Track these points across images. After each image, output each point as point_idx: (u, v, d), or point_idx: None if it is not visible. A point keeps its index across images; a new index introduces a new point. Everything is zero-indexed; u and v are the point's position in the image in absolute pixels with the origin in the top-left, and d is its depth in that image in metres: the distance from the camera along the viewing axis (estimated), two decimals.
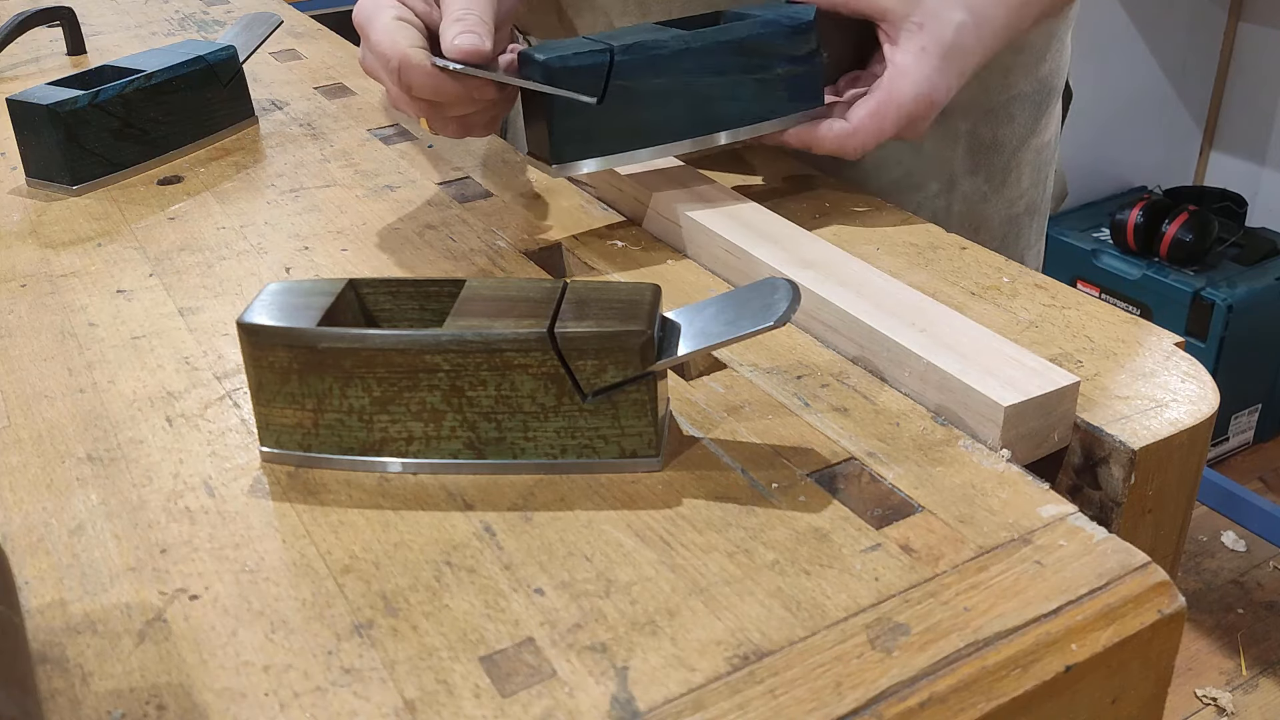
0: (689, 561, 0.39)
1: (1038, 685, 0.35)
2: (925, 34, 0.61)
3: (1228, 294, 2.18)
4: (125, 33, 1.09)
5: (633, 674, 0.35)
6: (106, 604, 0.39)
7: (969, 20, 0.62)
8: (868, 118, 0.62)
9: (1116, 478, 0.46)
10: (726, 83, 0.61)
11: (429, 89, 0.56)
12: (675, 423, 0.47)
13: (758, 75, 0.62)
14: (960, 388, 0.46)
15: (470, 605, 0.38)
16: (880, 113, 0.61)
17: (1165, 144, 2.67)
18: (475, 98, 0.58)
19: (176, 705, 0.35)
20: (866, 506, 0.42)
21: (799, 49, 0.62)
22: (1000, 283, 0.58)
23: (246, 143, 0.81)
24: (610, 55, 0.59)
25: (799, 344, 0.53)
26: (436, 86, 0.56)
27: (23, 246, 0.66)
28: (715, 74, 0.61)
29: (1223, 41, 2.57)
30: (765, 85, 0.62)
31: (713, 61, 0.61)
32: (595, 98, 0.59)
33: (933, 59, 0.61)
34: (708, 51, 0.61)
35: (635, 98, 0.60)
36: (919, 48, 0.61)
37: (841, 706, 0.33)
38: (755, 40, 0.61)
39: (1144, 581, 0.38)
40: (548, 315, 0.43)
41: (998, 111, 0.78)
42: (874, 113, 0.61)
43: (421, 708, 0.34)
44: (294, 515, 0.42)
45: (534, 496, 0.43)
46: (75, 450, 0.47)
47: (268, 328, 0.43)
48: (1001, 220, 0.82)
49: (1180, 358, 0.51)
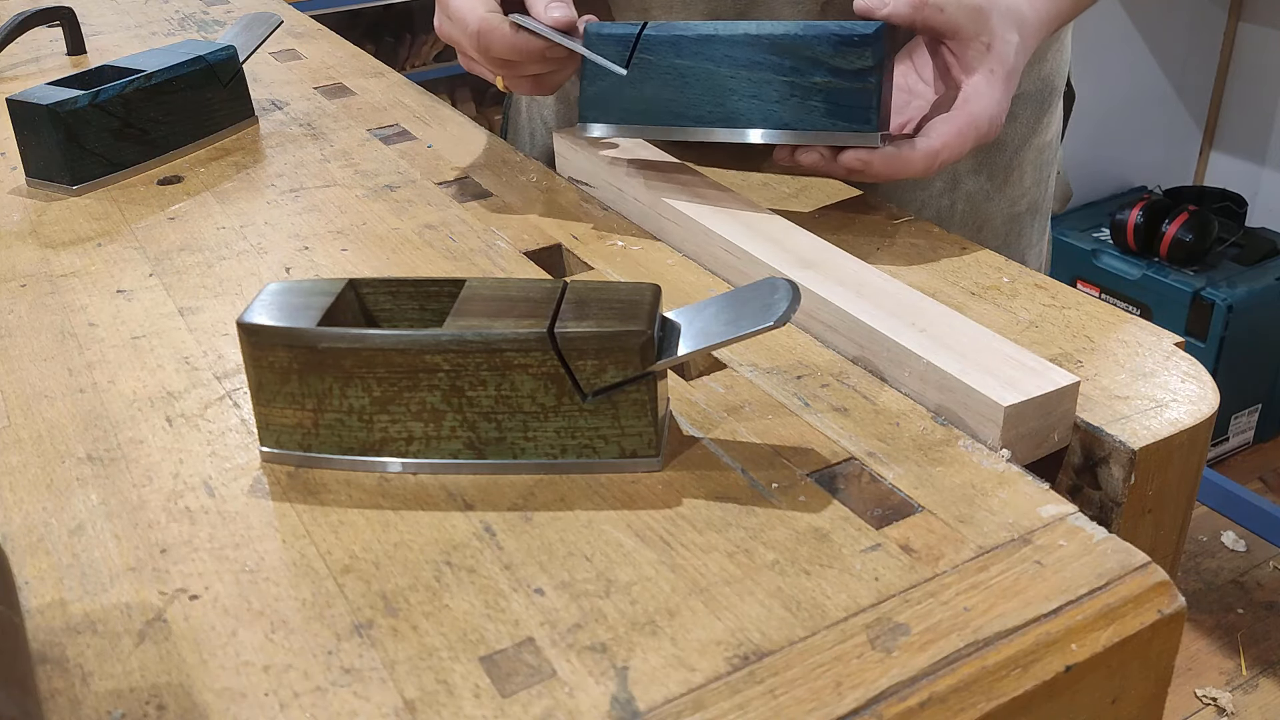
0: (689, 561, 0.39)
1: (1038, 685, 0.35)
2: (993, 56, 0.60)
3: (1228, 294, 2.18)
4: (125, 33, 1.09)
5: (633, 674, 0.35)
6: (106, 604, 0.39)
7: (1020, 41, 0.62)
8: (954, 137, 0.60)
9: (1116, 478, 0.46)
10: (754, 79, 0.60)
11: (507, 49, 0.62)
12: (675, 423, 0.47)
13: (790, 78, 0.60)
14: (960, 388, 0.46)
15: (470, 605, 0.38)
16: (964, 133, 0.60)
17: (1165, 144, 2.67)
18: (548, 57, 0.63)
19: (176, 705, 0.35)
20: (866, 506, 0.42)
21: (848, 62, 0.59)
22: (1000, 283, 0.58)
23: (246, 143, 0.81)
24: (641, 28, 0.61)
25: (799, 344, 0.53)
26: (515, 46, 0.62)
27: (23, 246, 0.66)
28: (742, 67, 0.60)
29: (1223, 41, 2.57)
30: (799, 91, 0.60)
31: (741, 54, 0.60)
32: (622, 66, 0.61)
33: (1000, 81, 0.61)
34: (735, 42, 0.60)
35: (655, 73, 0.61)
36: (989, 69, 0.60)
37: (841, 706, 0.33)
38: (793, 42, 0.59)
39: (1144, 581, 0.38)
40: (548, 315, 0.43)
41: None
42: (960, 132, 0.60)
43: (421, 708, 0.34)
44: (294, 515, 0.42)
45: (534, 496, 0.43)
46: (75, 450, 0.47)
47: (268, 328, 0.43)
48: (1004, 219, 0.82)
49: (1180, 358, 0.51)
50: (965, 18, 0.60)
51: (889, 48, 0.60)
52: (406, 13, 3.17)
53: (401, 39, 3.12)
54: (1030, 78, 0.79)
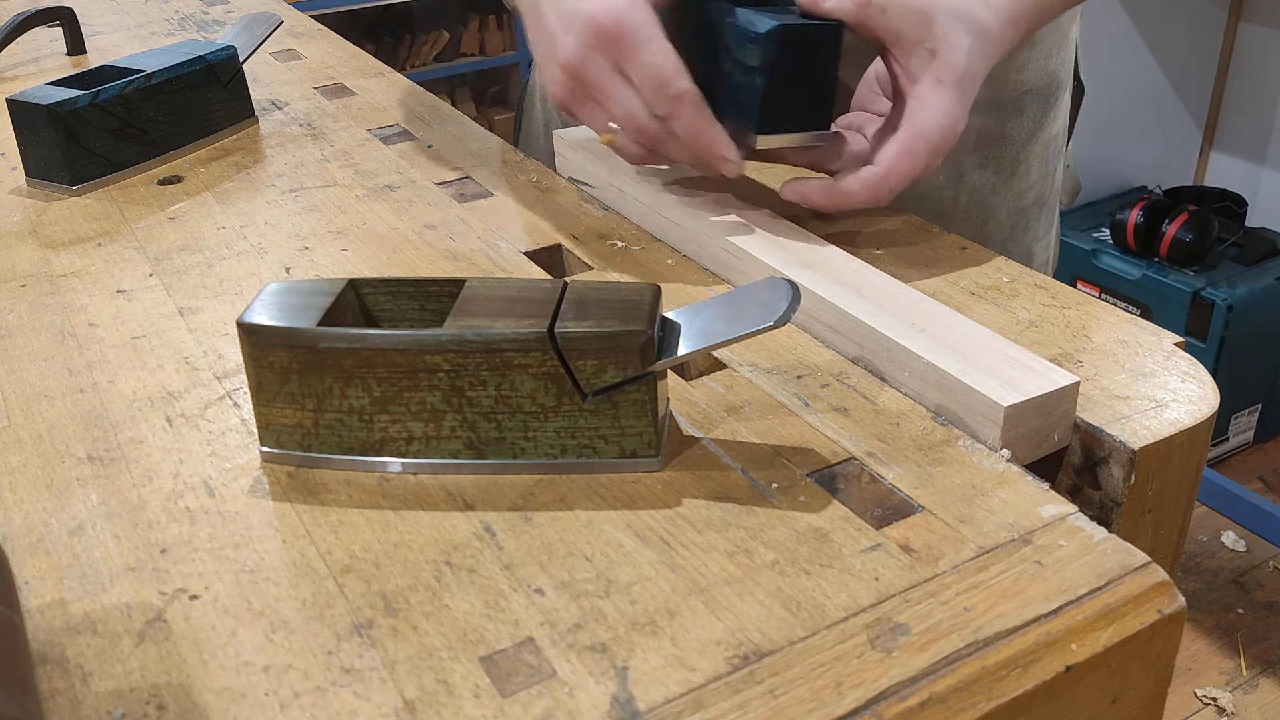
0: (689, 561, 0.39)
1: (1038, 685, 0.35)
2: (939, 62, 0.57)
3: (1228, 294, 2.18)
4: (125, 33, 1.09)
5: (633, 674, 0.35)
6: (106, 604, 0.39)
7: (975, 44, 0.58)
8: (899, 157, 0.56)
9: (1116, 478, 0.46)
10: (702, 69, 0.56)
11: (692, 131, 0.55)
12: (675, 423, 0.47)
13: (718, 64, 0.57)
14: (960, 388, 0.46)
15: (470, 605, 0.38)
16: (912, 150, 0.56)
17: (1165, 144, 2.67)
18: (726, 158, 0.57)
19: (176, 705, 0.35)
20: (866, 506, 0.42)
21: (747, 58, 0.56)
22: (1000, 283, 0.58)
23: (246, 143, 0.81)
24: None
25: (799, 344, 0.53)
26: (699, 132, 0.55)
27: (23, 246, 0.66)
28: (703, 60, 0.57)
29: (1223, 41, 2.57)
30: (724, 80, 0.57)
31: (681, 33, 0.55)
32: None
33: (949, 88, 0.57)
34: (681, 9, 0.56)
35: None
36: (934, 78, 0.57)
37: (841, 706, 0.33)
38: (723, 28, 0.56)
39: (1144, 581, 0.38)
40: (548, 315, 0.43)
41: (1007, 106, 0.79)
42: (906, 150, 0.56)
43: (421, 708, 0.34)
44: (294, 515, 0.42)
45: (534, 496, 0.43)
46: (75, 450, 0.47)
47: (268, 328, 0.43)
48: (1010, 212, 0.82)
49: (1180, 358, 0.51)
50: (907, 23, 0.57)
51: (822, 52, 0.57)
52: (406, 13, 3.17)
53: (401, 39, 3.12)
54: (1036, 73, 0.79)
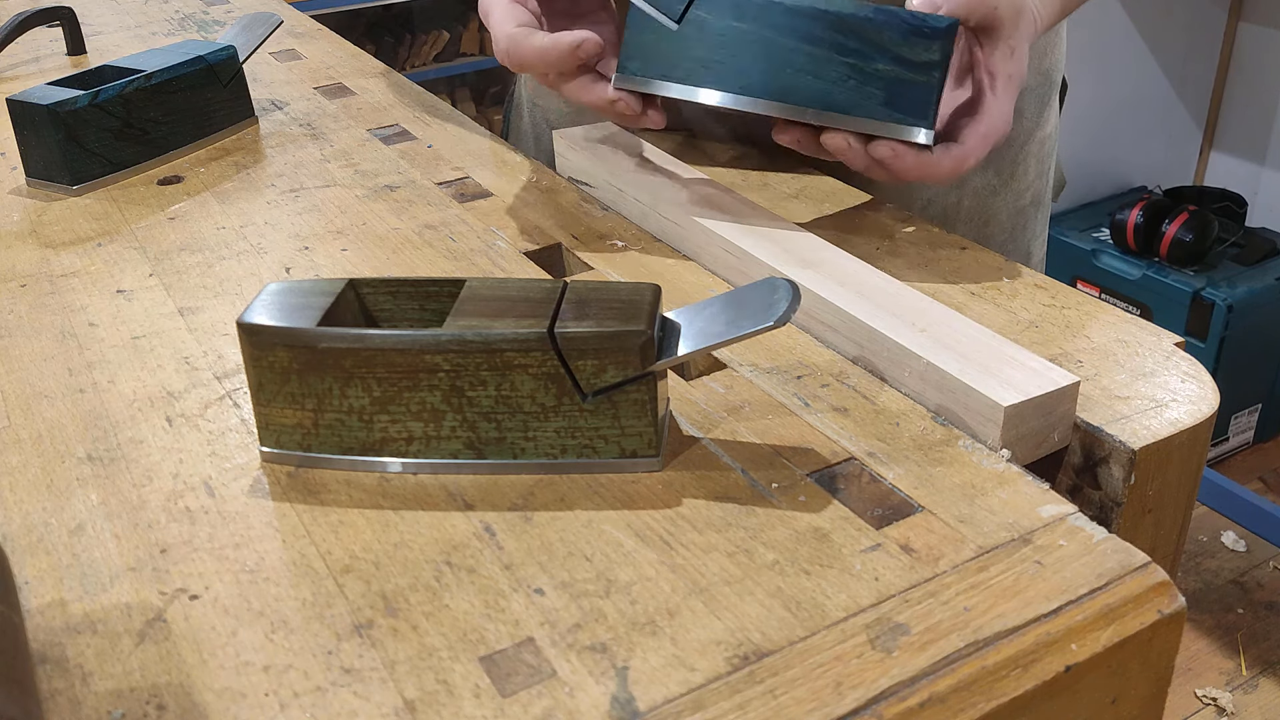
0: (689, 561, 0.39)
1: (1038, 685, 0.35)
2: (1014, 61, 0.58)
3: (1228, 294, 2.18)
4: (125, 33, 1.09)
5: (633, 674, 0.35)
6: (106, 604, 0.39)
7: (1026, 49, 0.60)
8: (981, 141, 0.58)
9: (1116, 478, 0.46)
10: (813, 55, 0.57)
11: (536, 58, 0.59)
12: (675, 423, 0.47)
13: (852, 60, 0.57)
14: (960, 388, 0.46)
15: (470, 605, 0.38)
16: (989, 138, 0.58)
17: (1165, 144, 2.67)
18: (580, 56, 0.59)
19: (176, 705, 0.35)
20: (866, 506, 0.42)
21: (915, 54, 0.57)
22: (1000, 283, 0.58)
23: (246, 143, 0.81)
24: None
25: (799, 344, 0.53)
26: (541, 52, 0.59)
27: (23, 246, 0.66)
28: (803, 40, 0.57)
29: (1223, 41, 2.57)
30: (858, 75, 0.57)
31: (803, 26, 0.57)
32: (674, 19, 0.59)
33: (1014, 87, 0.58)
34: (799, 14, 0.58)
35: (709, 33, 0.59)
36: (1007, 75, 0.58)
37: (841, 706, 0.33)
38: (860, 23, 0.57)
39: (1144, 581, 0.38)
40: (548, 315, 0.43)
41: None
42: (985, 136, 0.58)
43: (421, 708, 0.34)
44: (294, 515, 0.42)
45: (534, 496, 0.43)
46: (75, 450, 0.47)
47: (268, 328, 0.43)
48: (1010, 213, 0.82)
49: (1180, 358, 0.51)
50: (1009, 16, 0.58)
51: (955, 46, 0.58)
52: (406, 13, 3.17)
53: (401, 39, 3.12)
54: (1033, 73, 0.80)
